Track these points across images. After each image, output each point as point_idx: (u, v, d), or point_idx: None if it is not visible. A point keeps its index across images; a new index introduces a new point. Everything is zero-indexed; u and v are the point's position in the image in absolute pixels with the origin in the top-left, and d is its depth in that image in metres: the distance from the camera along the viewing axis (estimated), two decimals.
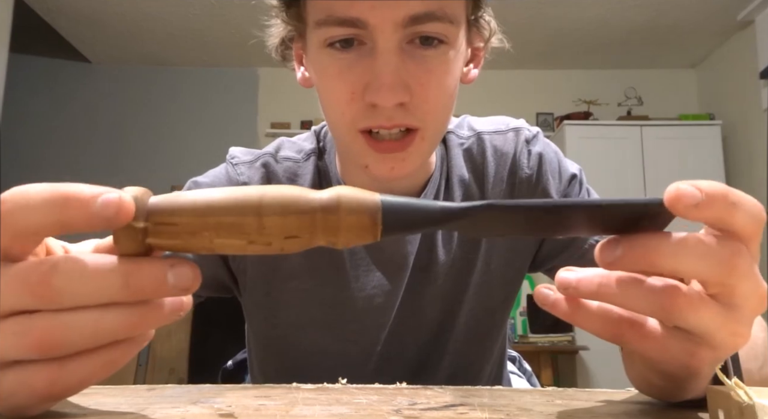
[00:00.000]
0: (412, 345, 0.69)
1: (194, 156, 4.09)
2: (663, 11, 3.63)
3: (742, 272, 0.27)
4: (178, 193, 0.28)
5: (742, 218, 0.27)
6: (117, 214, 0.25)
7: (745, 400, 0.26)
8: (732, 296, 0.28)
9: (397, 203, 0.28)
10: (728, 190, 0.27)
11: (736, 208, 0.27)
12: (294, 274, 0.67)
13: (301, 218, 0.27)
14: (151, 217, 0.27)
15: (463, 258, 0.68)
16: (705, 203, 0.26)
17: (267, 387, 0.42)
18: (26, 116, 4.21)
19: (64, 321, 0.26)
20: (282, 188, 0.28)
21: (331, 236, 0.28)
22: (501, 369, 0.78)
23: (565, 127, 3.96)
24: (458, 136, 0.71)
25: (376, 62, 0.53)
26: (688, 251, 0.27)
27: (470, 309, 0.69)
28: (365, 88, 0.54)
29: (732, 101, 3.98)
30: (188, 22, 3.81)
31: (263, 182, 0.68)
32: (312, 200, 0.28)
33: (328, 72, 0.57)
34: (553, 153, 0.71)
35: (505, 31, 0.67)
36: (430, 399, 0.37)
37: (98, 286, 0.26)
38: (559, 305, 0.30)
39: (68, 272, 0.26)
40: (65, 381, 0.27)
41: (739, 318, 0.29)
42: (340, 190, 0.28)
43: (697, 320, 0.28)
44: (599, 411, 0.35)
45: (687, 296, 0.28)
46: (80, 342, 0.27)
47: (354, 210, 0.27)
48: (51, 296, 0.26)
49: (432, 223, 0.29)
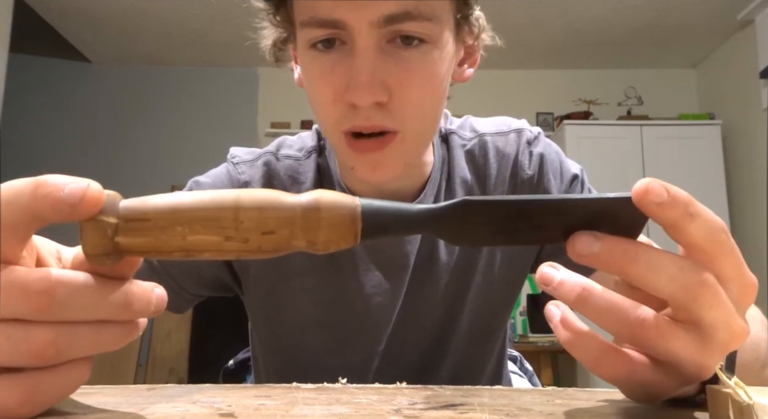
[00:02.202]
0: (413, 346, 0.69)
1: (194, 156, 4.09)
2: (663, 11, 3.63)
3: (706, 302, 0.27)
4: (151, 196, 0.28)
5: (698, 229, 0.27)
6: (82, 201, 0.25)
7: (745, 400, 0.26)
8: (699, 325, 0.28)
9: (376, 205, 0.28)
10: (692, 200, 0.27)
11: (693, 218, 0.27)
12: (296, 273, 0.67)
13: (280, 213, 0.27)
14: (123, 214, 0.26)
15: (465, 259, 0.68)
16: (668, 203, 0.27)
17: (267, 386, 0.42)
18: (26, 115, 4.21)
19: (66, 332, 0.26)
20: (261, 190, 0.28)
21: (311, 234, 0.27)
22: (501, 367, 0.78)
23: (565, 127, 3.96)
24: (461, 137, 0.71)
25: (354, 62, 0.53)
26: (660, 270, 0.27)
27: (472, 310, 0.69)
28: (345, 89, 0.54)
29: (732, 101, 3.98)
30: (188, 22, 3.81)
31: (264, 181, 0.68)
32: (291, 200, 0.28)
33: (312, 73, 0.57)
34: (555, 154, 0.71)
35: (506, 31, 0.67)
36: (430, 398, 0.37)
37: (100, 304, 0.27)
38: (557, 330, 0.30)
39: (71, 288, 0.26)
40: (40, 397, 0.27)
41: (708, 351, 0.28)
42: (319, 192, 0.28)
43: (667, 350, 0.28)
44: (599, 411, 0.35)
45: (657, 328, 0.28)
46: (76, 354, 0.27)
47: (333, 209, 0.27)
48: (49, 307, 0.26)
49: (411, 224, 0.29)
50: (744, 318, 0.29)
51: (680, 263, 0.27)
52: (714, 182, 3.82)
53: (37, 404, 0.27)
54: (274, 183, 0.68)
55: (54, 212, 0.25)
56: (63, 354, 0.26)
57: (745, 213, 3.79)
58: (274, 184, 0.68)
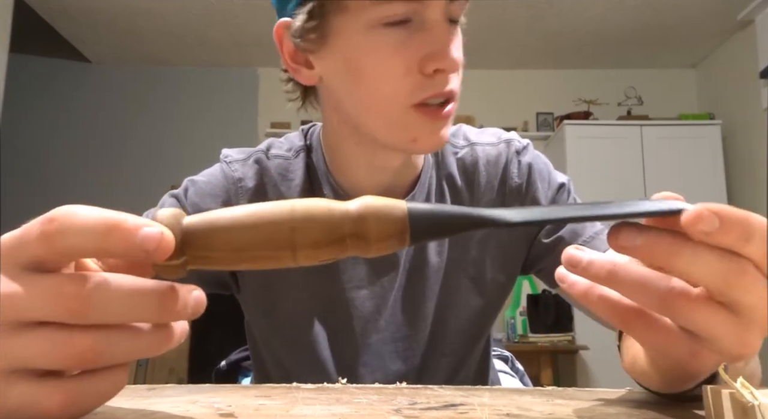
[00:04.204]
0: (403, 343, 0.70)
1: (194, 156, 4.07)
2: (663, 11, 3.63)
3: (744, 287, 0.28)
4: (210, 220, 0.29)
5: (756, 249, 0.27)
6: (156, 250, 0.26)
7: (750, 400, 0.26)
8: (738, 306, 0.28)
9: (423, 209, 0.29)
10: (747, 220, 0.27)
11: (748, 241, 0.27)
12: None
13: (332, 242, 0.28)
14: (188, 250, 0.28)
15: (455, 261, 0.70)
16: (720, 231, 0.27)
17: (267, 386, 0.42)
18: (26, 116, 4.21)
19: (106, 337, 0.27)
20: (311, 209, 0.28)
21: (361, 252, 0.29)
22: (487, 366, 0.80)
23: (565, 127, 3.95)
24: (453, 145, 0.74)
25: (433, 34, 0.57)
26: (701, 261, 0.28)
27: (463, 311, 0.71)
28: (422, 60, 0.57)
29: (732, 101, 3.98)
30: (188, 22, 3.81)
31: (257, 178, 0.70)
32: (342, 221, 0.28)
33: (380, 51, 0.58)
34: (543, 164, 0.74)
35: (506, 31, 0.67)
36: (430, 398, 0.37)
37: (135, 307, 0.27)
38: (577, 285, 0.31)
39: (107, 291, 0.26)
40: (79, 403, 0.27)
41: (747, 327, 0.29)
42: (366, 200, 0.29)
43: (700, 321, 0.28)
44: (599, 411, 0.35)
45: (688, 297, 0.28)
46: (116, 359, 0.28)
47: (382, 220, 0.28)
48: (84, 311, 0.26)
49: (460, 228, 0.29)
50: None
51: (718, 253, 0.28)
52: (714, 182, 3.81)
53: (78, 409, 0.28)
54: (265, 180, 0.70)
55: (126, 255, 0.27)
56: (102, 358, 0.27)
57: None
58: (265, 181, 0.70)
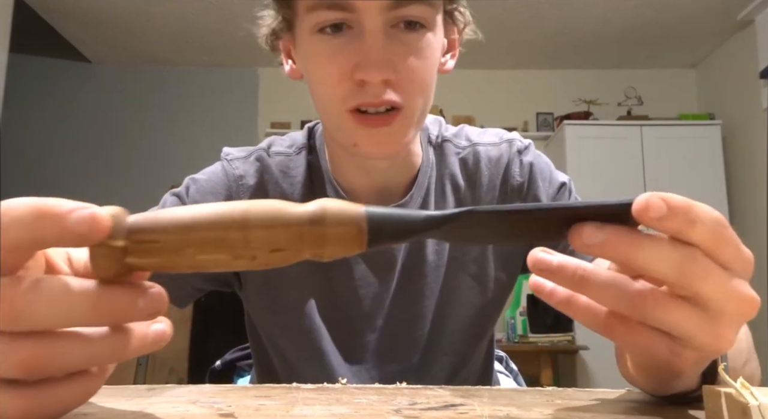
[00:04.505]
0: (404, 342, 0.71)
1: (194, 156, 4.07)
2: (663, 11, 3.63)
3: (697, 275, 0.28)
4: (158, 211, 0.28)
5: (700, 234, 0.28)
6: (90, 230, 0.25)
7: (749, 400, 0.26)
8: (700, 299, 0.28)
9: (381, 213, 0.28)
10: (690, 206, 0.28)
11: (694, 224, 0.28)
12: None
13: (288, 230, 0.27)
14: (131, 235, 0.26)
15: (455, 260, 0.71)
16: (667, 216, 0.27)
17: (267, 387, 0.42)
18: (26, 116, 4.21)
19: (48, 344, 0.25)
20: (266, 202, 0.28)
21: (318, 248, 0.28)
22: (490, 366, 0.80)
23: (565, 127, 3.95)
24: (455, 145, 0.75)
25: (364, 43, 0.57)
26: (660, 253, 0.28)
27: (464, 309, 0.71)
28: (354, 68, 0.58)
29: (732, 101, 3.98)
30: (188, 22, 3.81)
31: (258, 176, 0.70)
32: (297, 212, 0.27)
33: (319, 57, 0.60)
34: (544, 163, 0.75)
35: (506, 31, 0.67)
36: (430, 398, 0.37)
37: (65, 308, 0.25)
38: (555, 294, 0.31)
39: (36, 293, 0.25)
40: (41, 410, 0.26)
41: (716, 320, 0.29)
42: (324, 202, 0.28)
43: (670, 320, 0.29)
44: (599, 411, 0.35)
45: (655, 296, 0.28)
46: (68, 366, 0.26)
47: (340, 222, 0.28)
48: (15, 316, 0.25)
49: (416, 232, 0.29)
50: (750, 289, 0.29)
51: (672, 242, 0.28)
52: (714, 182, 3.81)
53: (40, 416, 0.26)
54: (266, 177, 0.70)
55: (59, 241, 0.25)
56: (50, 365, 0.26)
57: (745, 213, 3.79)
58: (266, 178, 0.70)
